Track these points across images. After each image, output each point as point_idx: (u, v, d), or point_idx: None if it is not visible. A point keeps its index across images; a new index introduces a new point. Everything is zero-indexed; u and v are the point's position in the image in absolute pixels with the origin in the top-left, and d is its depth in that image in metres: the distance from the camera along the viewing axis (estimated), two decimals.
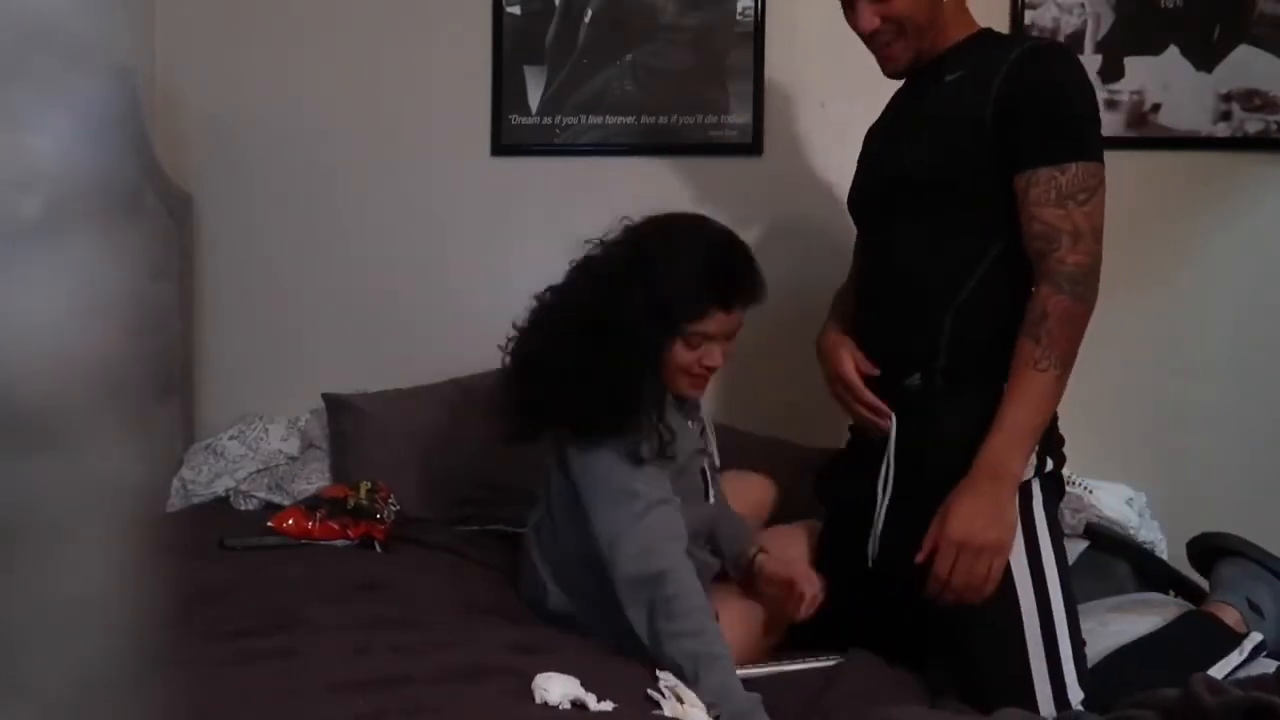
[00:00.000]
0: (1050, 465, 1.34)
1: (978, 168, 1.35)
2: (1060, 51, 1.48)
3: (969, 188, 1.37)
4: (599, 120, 2.26)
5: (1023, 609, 1.27)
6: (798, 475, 1.68)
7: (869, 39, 1.43)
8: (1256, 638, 1.39)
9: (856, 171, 1.59)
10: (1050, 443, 1.37)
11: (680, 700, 1.16)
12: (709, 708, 1.14)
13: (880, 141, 1.56)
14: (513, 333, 1.43)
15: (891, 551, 1.40)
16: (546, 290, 1.42)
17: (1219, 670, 1.32)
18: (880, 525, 1.42)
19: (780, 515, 1.73)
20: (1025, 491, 1.32)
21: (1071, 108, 1.32)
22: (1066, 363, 1.29)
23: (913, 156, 1.42)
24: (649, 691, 1.17)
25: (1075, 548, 1.73)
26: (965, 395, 1.37)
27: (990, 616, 1.28)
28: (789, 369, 1.93)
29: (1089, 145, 1.31)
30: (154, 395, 2.11)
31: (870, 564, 1.41)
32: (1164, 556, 1.83)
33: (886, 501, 1.42)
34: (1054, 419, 1.40)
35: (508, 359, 1.41)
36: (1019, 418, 1.27)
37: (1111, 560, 1.70)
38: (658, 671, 1.23)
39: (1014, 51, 1.34)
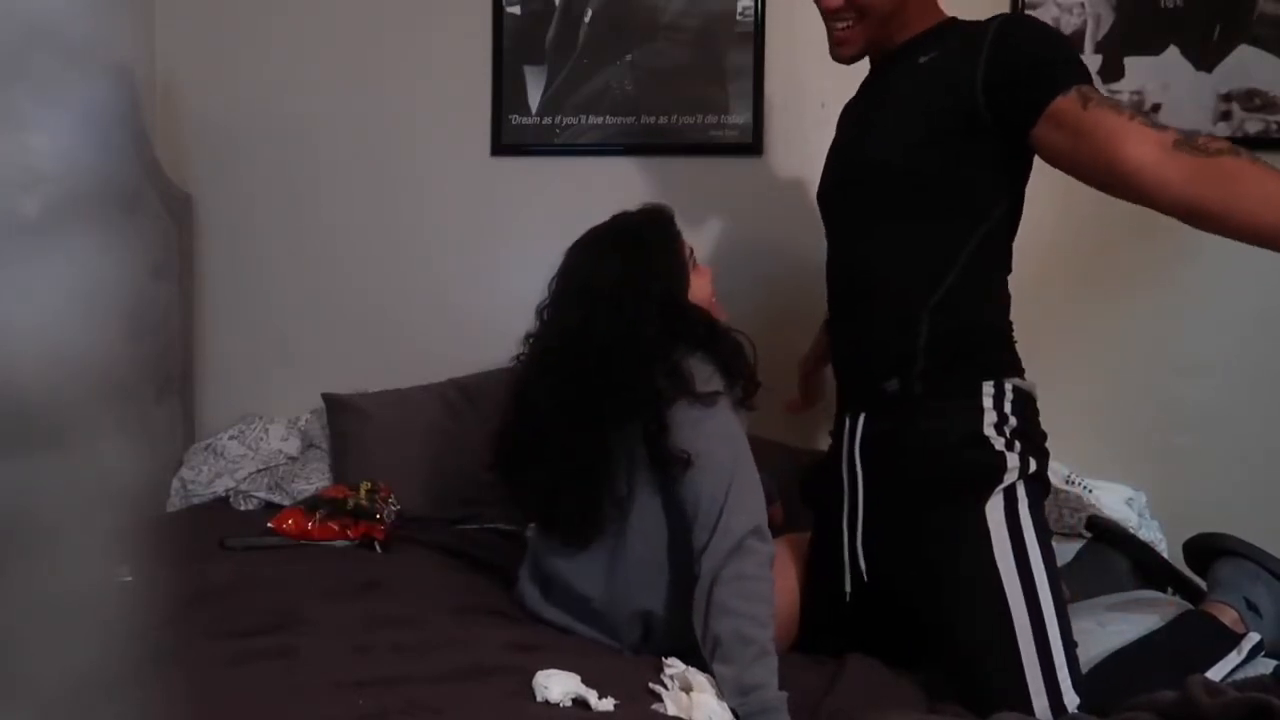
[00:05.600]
0: (1034, 466, 1.33)
1: (958, 156, 1.33)
2: (1036, 20, 1.48)
3: (949, 177, 1.34)
4: (599, 120, 2.26)
5: (1013, 614, 1.26)
6: (794, 479, 1.68)
7: (828, 18, 1.44)
8: (1255, 638, 1.39)
9: (826, 162, 1.57)
10: (1033, 442, 1.36)
11: (687, 689, 1.16)
12: (741, 695, 1.15)
13: (850, 130, 1.54)
14: (526, 346, 1.46)
15: (878, 558, 1.40)
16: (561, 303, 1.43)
17: (1218, 671, 1.32)
18: (860, 533, 1.40)
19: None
20: (1010, 494, 1.31)
21: (1075, 59, 1.32)
22: None
23: (887, 148, 1.40)
24: (651, 685, 1.17)
25: (1074, 546, 1.73)
26: (942, 400, 1.36)
27: (982, 623, 1.28)
28: (787, 369, 1.93)
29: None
30: (154, 395, 2.11)
31: (864, 576, 1.40)
32: (1164, 556, 1.83)
33: (861, 509, 1.40)
34: (1036, 417, 1.40)
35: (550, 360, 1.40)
36: None
37: (1111, 555, 1.69)
38: (664, 660, 1.23)
39: (992, 24, 1.32)
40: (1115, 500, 1.98)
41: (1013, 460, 1.31)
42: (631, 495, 1.34)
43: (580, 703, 1.08)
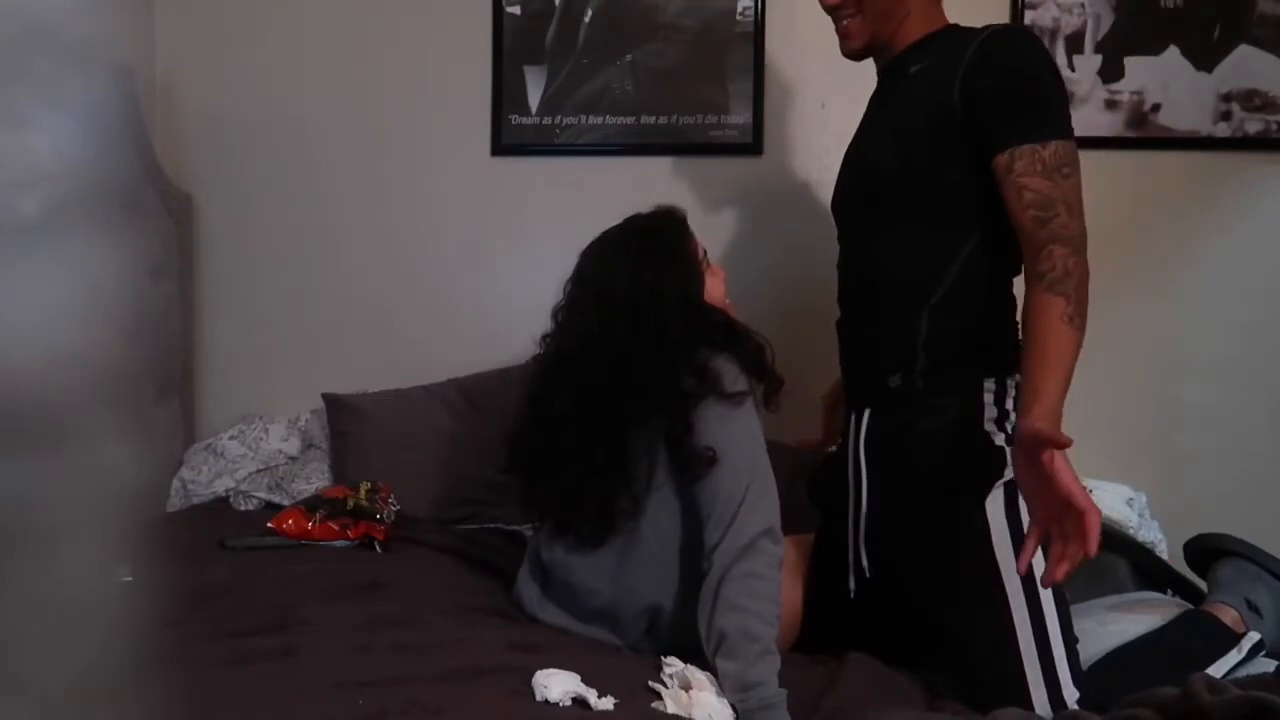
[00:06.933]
0: None
1: (947, 161, 1.35)
2: (1025, 35, 1.49)
3: (939, 182, 1.36)
4: (599, 120, 2.26)
5: (1013, 610, 1.27)
6: (797, 479, 1.67)
7: (830, 11, 1.48)
8: (1255, 637, 1.39)
9: (838, 175, 1.60)
10: None
11: (687, 687, 1.16)
12: (743, 691, 1.15)
13: (854, 143, 1.57)
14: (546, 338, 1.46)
15: (880, 554, 1.40)
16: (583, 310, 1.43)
17: (1218, 669, 1.32)
18: (863, 529, 1.41)
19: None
20: (1011, 489, 1.32)
21: (1046, 91, 1.32)
22: (1084, 327, 1.24)
23: (880, 155, 1.44)
24: (650, 684, 1.18)
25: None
26: (944, 396, 1.37)
27: (982, 619, 1.28)
28: (787, 369, 1.92)
29: (1065, 126, 1.31)
30: (154, 395, 2.11)
31: (866, 572, 1.41)
32: (1164, 556, 1.83)
33: (865, 504, 1.41)
34: None
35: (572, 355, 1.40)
36: (1058, 382, 1.20)
37: (1111, 558, 1.69)
38: (663, 659, 1.24)
39: (977, 38, 1.34)
40: (1115, 500, 1.97)
41: (1012, 456, 1.32)
42: (649, 494, 1.34)
43: (580, 702, 1.08)
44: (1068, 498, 1.12)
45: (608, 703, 1.09)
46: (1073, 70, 2.12)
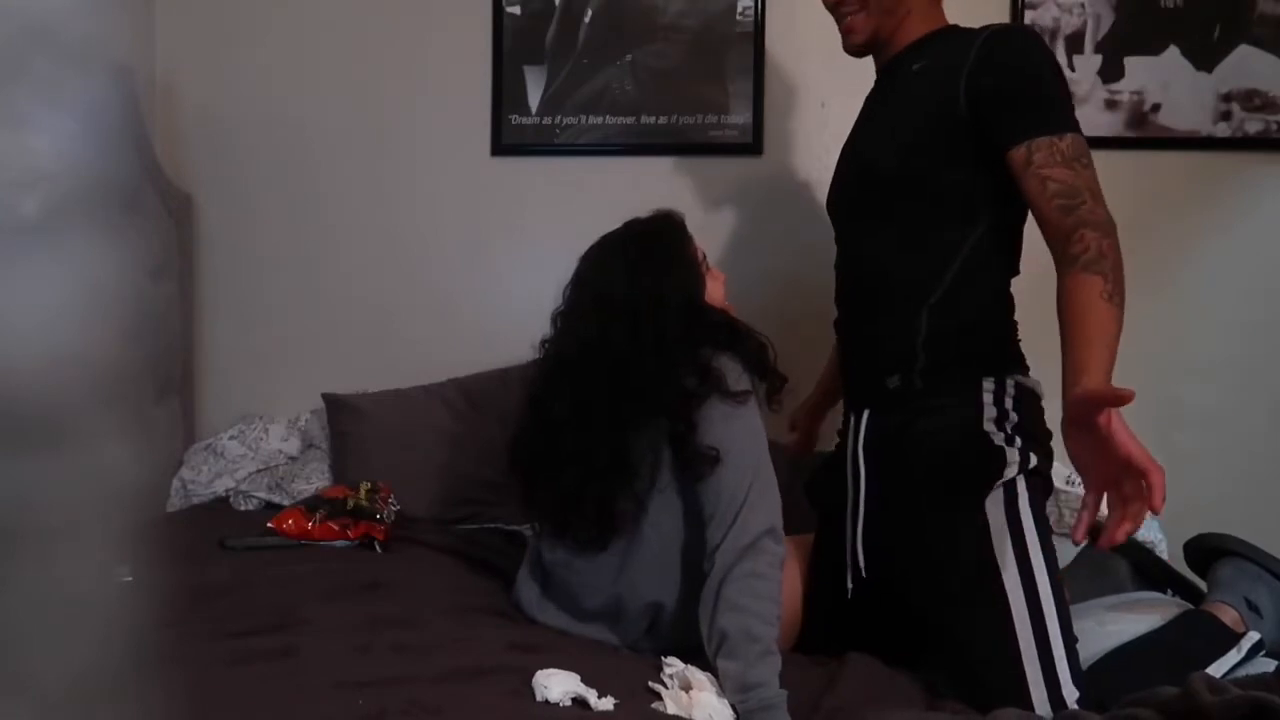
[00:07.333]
0: (1035, 461, 1.33)
1: (948, 159, 1.35)
2: (1028, 34, 1.50)
3: (939, 180, 1.36)
4: (599, 120, 2.26)
5: (1013, 609, 1.27)
6: (797, 479, 1.67)
7: (833, 8, 1.48)
8: (1254, 636, 1.39)
9: (834, 173, 1.60)
10: (1036, 438, 1.37)
11: (687, 688, 1.16)
12: (743, 691, 1.15)
13: (852, 138, 1.57)
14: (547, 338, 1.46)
15: (879, 554, 1.40)
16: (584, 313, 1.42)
17: (1217, 669, 1.32)
18: (860, 530, 1.42)
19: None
20: (1010, 489, 1.32)
21: (1052, 89, 1.32)
22: (1124, 306, 1.23)
23: (878, 152, 1.44)
24: (650, 684, 1.18)
25: (1074, 547, 1.73)
26: (942, 396, 1.37)
27: (982, 619, 1.28)
28: (787, 370, 1.93)
29: (1075, 121, 1.31)
30: (154, 395, 2.11)
31: (863, 572, 1.41)
32: (1164, 556, 1.83)
33: (863, 505, 1.42)
34: (1040, 414, 1.40)
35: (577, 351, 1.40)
36: (1104, 358, 1.17)
37: (1111, 558, 1.70)
38: (663, 659, 1.24)
39: (979, 37, 1.34)
40: None
41: (1012, 455, 1.32)
42: (652, 494, 1.34)
43: (580, 702, 1.08)
44: (1128, 459, 1.09)
45: (608, 703, 1.08)
46: (1073, 70, 2.13)
